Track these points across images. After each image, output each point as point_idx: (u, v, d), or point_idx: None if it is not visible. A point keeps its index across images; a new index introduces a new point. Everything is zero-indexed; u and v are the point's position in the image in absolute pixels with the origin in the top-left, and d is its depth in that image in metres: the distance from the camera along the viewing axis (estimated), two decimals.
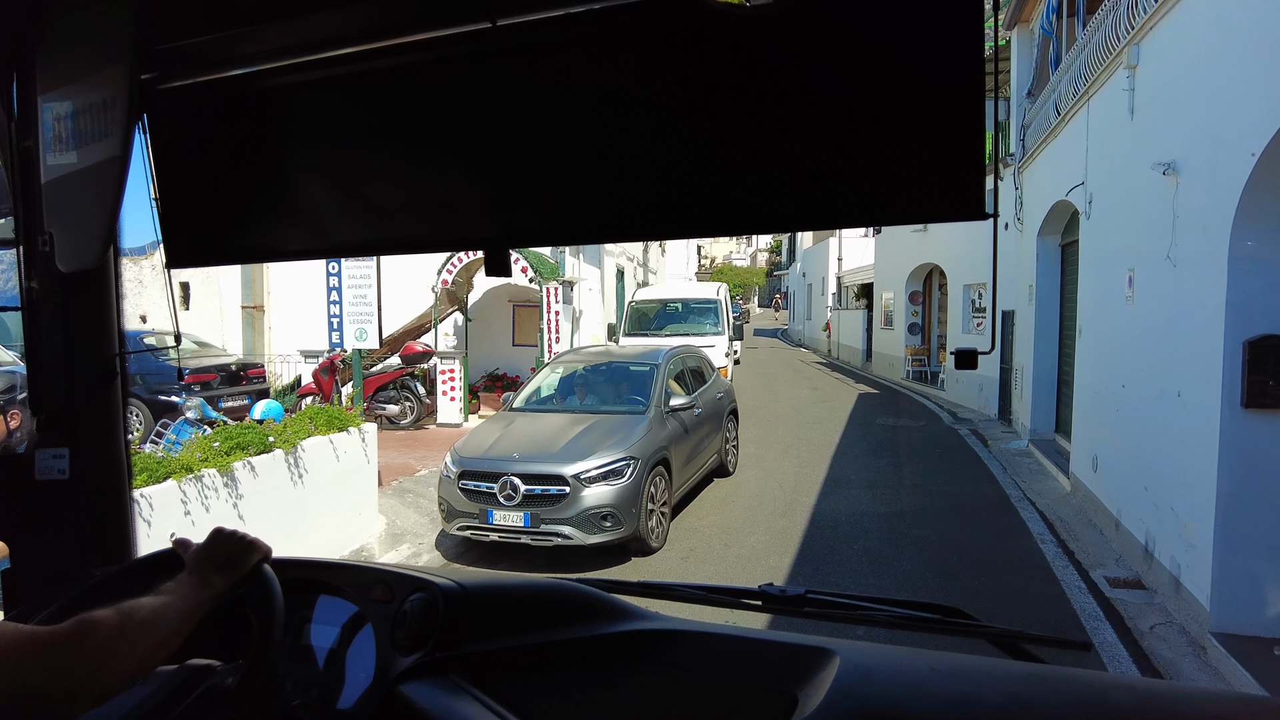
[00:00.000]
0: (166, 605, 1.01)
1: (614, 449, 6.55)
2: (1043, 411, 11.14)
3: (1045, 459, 9.99)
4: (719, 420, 8.95)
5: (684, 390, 8.24)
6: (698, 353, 9.70)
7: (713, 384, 9.28)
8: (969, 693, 1.04)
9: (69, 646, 0.87)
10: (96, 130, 1.38)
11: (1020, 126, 12.49)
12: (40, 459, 1.60)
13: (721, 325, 14.48)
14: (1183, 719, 0.98)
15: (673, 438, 7.34)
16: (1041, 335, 11.08)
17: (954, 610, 1.34)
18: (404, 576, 1.39)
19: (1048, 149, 10.33)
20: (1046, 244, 11.00)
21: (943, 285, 19.23)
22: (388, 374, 11.96)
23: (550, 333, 12.38)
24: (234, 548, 1.19)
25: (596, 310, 15.35)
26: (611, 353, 9.09)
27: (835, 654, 1.12)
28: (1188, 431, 5.23)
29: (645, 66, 1.19)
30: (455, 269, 12.26)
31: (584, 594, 1.38)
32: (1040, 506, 8.15)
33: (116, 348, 1.65)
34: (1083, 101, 8.15)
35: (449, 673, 1.21)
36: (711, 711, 1.17)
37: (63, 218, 1.48)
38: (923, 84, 1.05)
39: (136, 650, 0.93)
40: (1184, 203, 5.33)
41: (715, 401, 9.00)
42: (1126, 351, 6.71)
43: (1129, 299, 6.60)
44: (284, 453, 6.21)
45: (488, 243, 1.39)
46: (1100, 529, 7.21)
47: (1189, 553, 5.12)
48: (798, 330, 38.36)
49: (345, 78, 1.38)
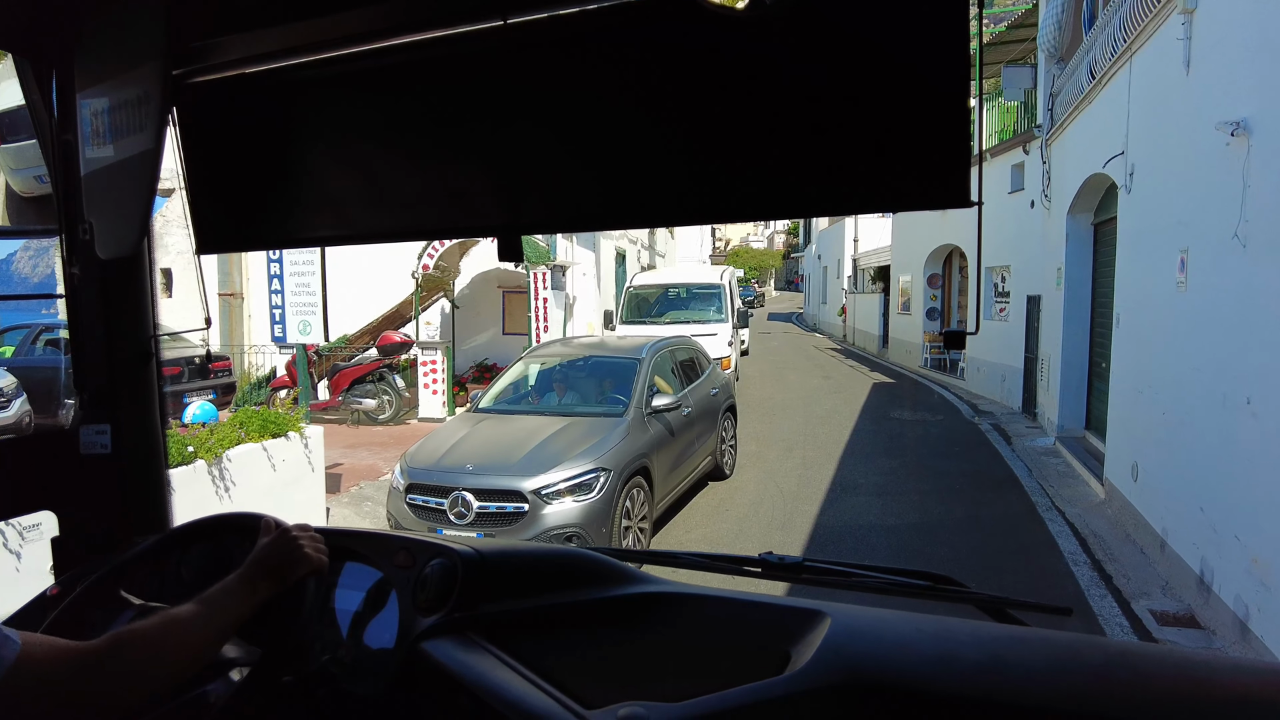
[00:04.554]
0: (207, 617, 1.07)
1: (583, 459, 5.69)
2: (1071, 406, 10.20)
3: (1075, 459, 9.07)
4: (713, 419, 8.09)
5: (673, 387, 7.39)
6: (691, 344, 8.77)
7: (707, 379, 8.38)
8: (951, 651, 1.11)
9: (106, 662, 0.94)
10: (131, 124, 1.46)
11: (1048, 95, 11.45)
12: (85, 434, 1.70)
13: (725, 312, 13.53)
14: (1146, 674, 1.06)
15: (655, 442, 6.49)
16: (1071, 323, 10.11)
17: (944, 578, 1.40)
18: (424, 543, 1.46)
19: (1080, 117, 9.32)
20: (1077, 223, 10.01)
21: (963, 268, 18.21)
22: (364, 365, 11.18)
23: (538, 321, 11.54)
24: (291, 556, 1.23)
25: (592, 296, 14.46)
26: (592, 346, 8.16)
27: (826, 615, 1.19)
28: (1258, 447, 4.34)
29: (649, 62, 1.24)
30: (437, 253, 11.44)
31: (593, 560, 1.45)
32: (1071, 517, 7.26)
33: (152, 329, 1.75)
34: (1123, 60, 7.17)
35: (467, 632, 1.29)
36: (710, 667, 1.20)
37: (101, 207, 1.57)
38: (907, 74, 1.09)
39: (173, 663, 1.00)
40: (1259, 168, 4.39)
41: (709, 399, 8.12)
42: (1176, 346, 5.78)
43: (1180, 285, 5.67)
44: (206, 464, 5.46)
45: (500, 230, 1.42)
46: (1141, 548, 6.31)
47: (1260, 593, 4.24)
48: (813, 315, 37.35)
49: (365, 73, 1.44)
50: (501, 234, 1.42)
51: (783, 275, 73.51)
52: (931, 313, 18.62)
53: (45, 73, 1.59)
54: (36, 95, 1.60)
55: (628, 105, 1.26)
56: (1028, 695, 1.01)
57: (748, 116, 1.18)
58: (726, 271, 14.77)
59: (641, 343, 7.76)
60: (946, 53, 1.05)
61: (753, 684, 1.05)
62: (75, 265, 1.64)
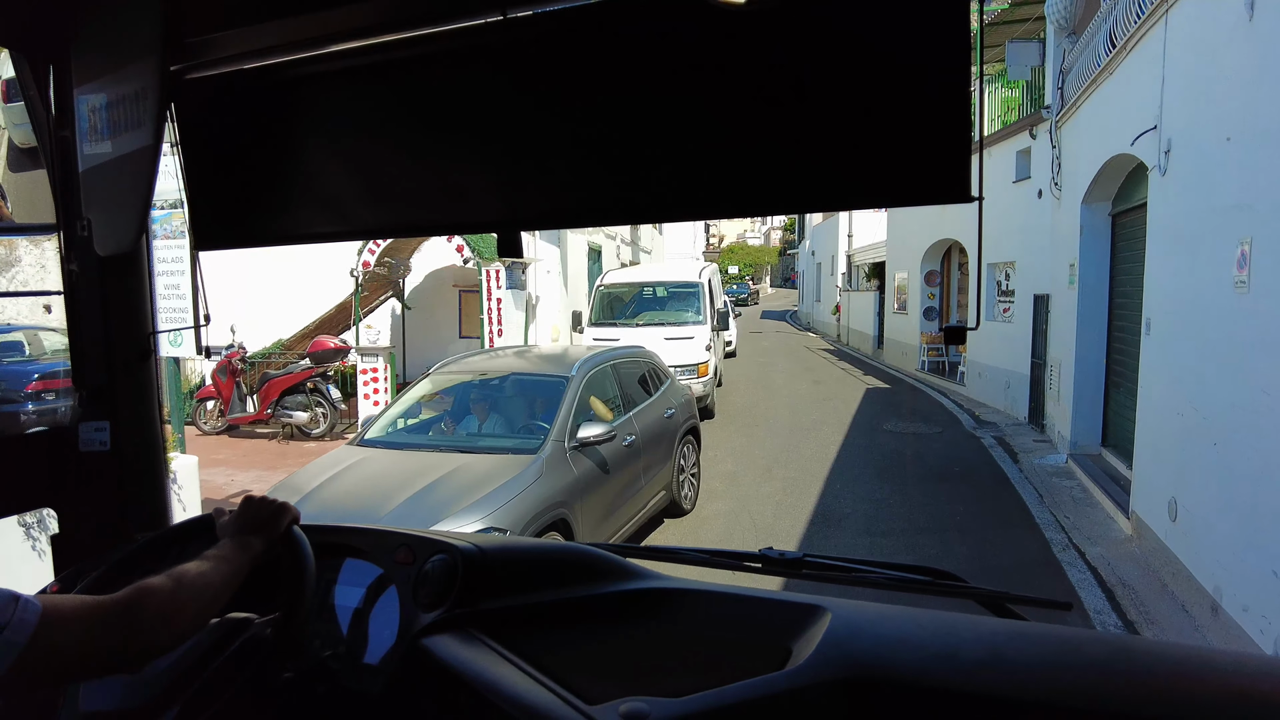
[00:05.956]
0: (212, 569, 1.12)
1: (469, 515, 4.26)
2: (1086, 419, 9.06)
3: (1091, 482, 7.93)
4: (668, 446, 6.79)
5: (614, 410, 6.15)
6: (644, 356, 7.47)
7: (661, 397, 7.08)
8: (952, 646, 1.10)
9: (130, 610, 0.99)
10: (129, 120, 1.45)
11: (1058, 73, 10.30)
12: (84, 431, 1.71)
13: (704, 313, 12.34)
14: (1147, 668, 1.06)
15: (581, 485, 5.13)
16: (1086, 326, 8.97)
17: (944, 573, 1.41)
18: (425, 540, 1.46)
19: (1096, 93, 8.17)
20: (1093, 213, 8.86)
21: (963, 264, 17.06)
22: (294, 375, 9.99)
23: (492, 324, 10.35)
24: (265, 512, 1.27)
25: (557, 296, 13.25)
26: (519, 359, 6.81)
27: (827, 610, 1.19)
28: None
29: (647, 57, 1.23)
30: (378, 249, 10.26)
31: (594, 556, 1.46)
32: (1093, 560, 6.12)
33: (150, 327, 1.76)
34: (1157, 17, 6.01)
35: (468, 627, 1.29)
36: (712, 662, 1.19)
37: (99, 204, 1.58)
38: (907, 70, 1.08)
39: (189, 610, 1.05)
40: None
41: (662, 422, 6.81)
42: (1235, 361, 4.63)
43: (1239, 284, 4.52)
44: None
45: (499, 225, 1.43)
46: (1183, 604, 5.16)
47: None
48: (807, 313, 36.24)
49: (364, 68, 1.44)
50: (501, 229, 1.44)
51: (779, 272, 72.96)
52: (929, 312, 17.46)
53: (42, 69, 1.59)
54: (34, 91, 1.60)
55: (627, 99, 1.26)
56: (1029, 690, 1.01)
57: (744, 110, 1.18)
58: (706, 269, 13.54)
59: (581, 355, 6.50)
60: (943, 36, 1.04)
61: (754, 679, 1.05)
62: (73, 262, 1.65)
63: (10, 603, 0.89)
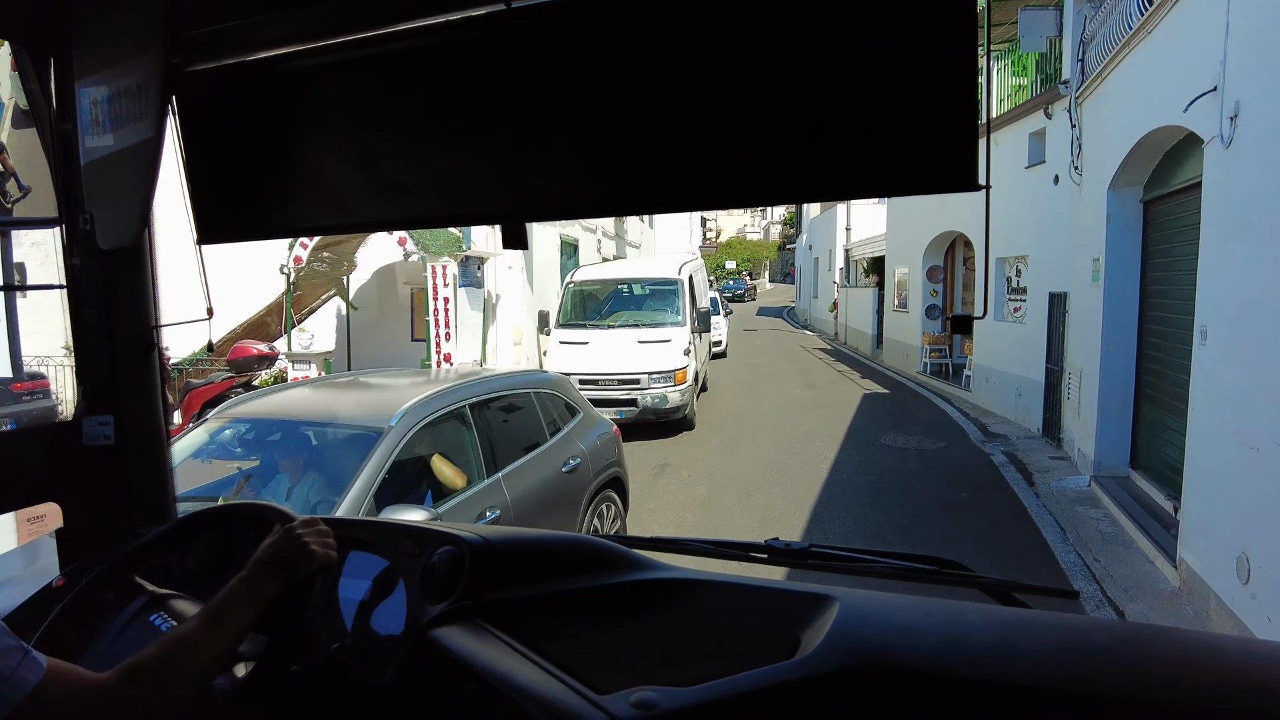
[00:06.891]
0: (214, 635, 1.08)
1: None
2: (1112, 437, 7.90)
3: (1122, 513, 6.78)
4: (570, 513, 4.99)
5: (473, 472, 4.25)
6: (545, 387, 5.44)
7: (556, 446, 5.05)
8: (960, 635, 1.11)
9: (117, 694, 0.95)
10: (130, 113, 1.46)
11: (1077, 43, 9.12)
12: (87, 425, 1.71)
13: (683, 314, 11.16)
14: (1154, 655, 1.07)
15: None
16: (1113, 329, 7.81)
17: (950, 562, 1.43)
18: (431, 532, 1.47)
19: (1129, 59, 7.00)
20: (1121, 200, 7.70)
21: (968, 259, 15.89)
22: (216, 385, 8.85)
23: (439, 327, 9.17)
24: (297, 553, 1.22)
25: (521, 295, 12.04)
26: (335, 397, 4.79)
27: (835, 600, 1.19)
28: None
29: (650, 48, 1.23)
30: (310, 243, 9.09)
31: (601, 547, 1.46)
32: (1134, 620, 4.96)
33: (154, 320, 1.77)
34: None
35: (475, 618, 1.29)
36: (720, 651, 1.20)
37: (101, 197, 1.58)
38: (908, 49, 1.06)
39: (183, 685, 1.01)
40: None
41: (557, 481, 4.86)
42: None
43: None
44: None
45: (502, 217, 1.45)
46: None
47: None
48: (804, 310, 35.06)
49: (365, 60, 1.43)
50: (504, 221, 1.45)
51: (778, 268, 71.96)
52: (931, 310, 16.29)
53: (43, 62, 1.59)
54: (35, 84, 1.60)
55: (631, 90, 1.25)
56: (1037, 677, 1.02)
57: (746, 98, 1.16)
58: (688, 265, 12.32)
59: (424, 393, 4.31)
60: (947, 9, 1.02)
61: (763, 668, 1.05)
62: (76, 256, 1.65)
63: (17, 652, 0.89)
